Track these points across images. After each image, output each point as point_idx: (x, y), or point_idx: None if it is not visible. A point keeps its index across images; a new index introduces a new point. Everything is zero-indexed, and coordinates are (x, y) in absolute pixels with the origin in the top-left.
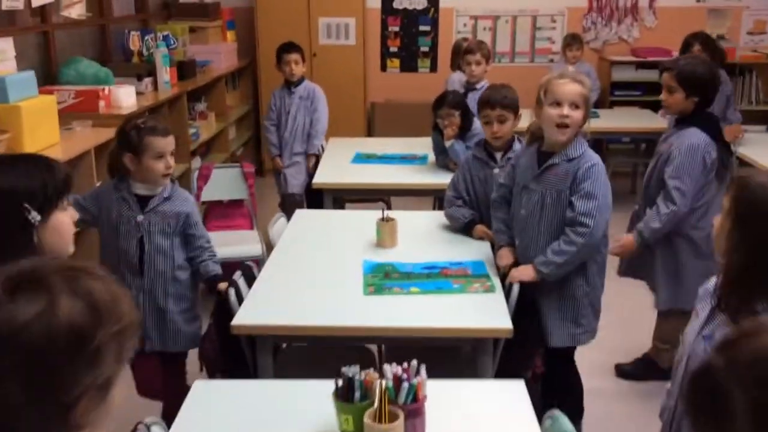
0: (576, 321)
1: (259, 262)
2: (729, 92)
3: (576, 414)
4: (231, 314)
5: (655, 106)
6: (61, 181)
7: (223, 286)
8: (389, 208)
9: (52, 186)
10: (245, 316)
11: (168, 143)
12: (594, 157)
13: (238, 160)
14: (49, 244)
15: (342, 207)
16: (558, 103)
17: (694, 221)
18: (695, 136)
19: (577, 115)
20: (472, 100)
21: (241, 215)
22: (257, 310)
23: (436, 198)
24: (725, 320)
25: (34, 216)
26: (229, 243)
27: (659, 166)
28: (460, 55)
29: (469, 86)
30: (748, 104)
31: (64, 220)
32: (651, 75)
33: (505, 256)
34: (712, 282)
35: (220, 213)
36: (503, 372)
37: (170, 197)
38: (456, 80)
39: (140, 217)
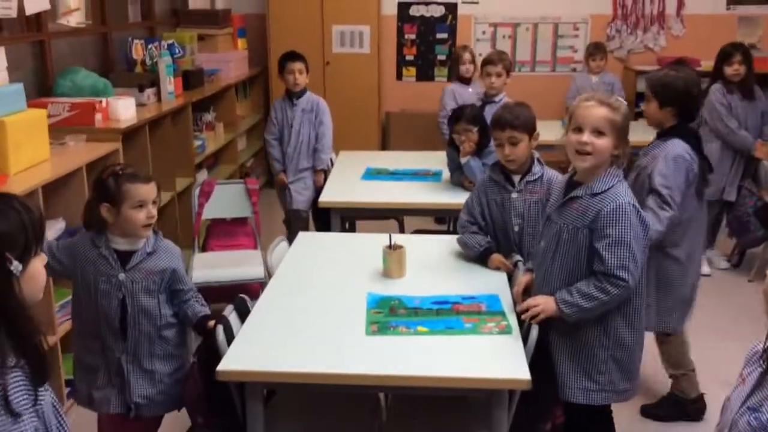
0: (589, 375)
1: (262, 285)
2: (765, 107)
3: None
4: (218, 354)
5: None
6: (38, 225)
7: (212, 324)
8: (402, 225)
9: (31, 230)
10: (233, 360)
11: (149, 191)
12: (621, 195)
13: (248, 172)
14: (24, 293)
15: (352, 224)
16: (579, 129)
17: (677, 238)
18: (679, 147)
19: (601, 142)
20: (491, 113)
21: (244, 234)
22: (246, 352)
23: (450, 218)
24: None
25: (16, 266)
26: (231, 264)
27: (641, 180)
28: (458, 64)
29: (487, 99)
30: None
31: (39, 267)
32: None
33: (521, 282)
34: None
35: (222, 231)
36: (520, 423)
37: (154, 251)
38: (450, 92)
39: (122, 276)
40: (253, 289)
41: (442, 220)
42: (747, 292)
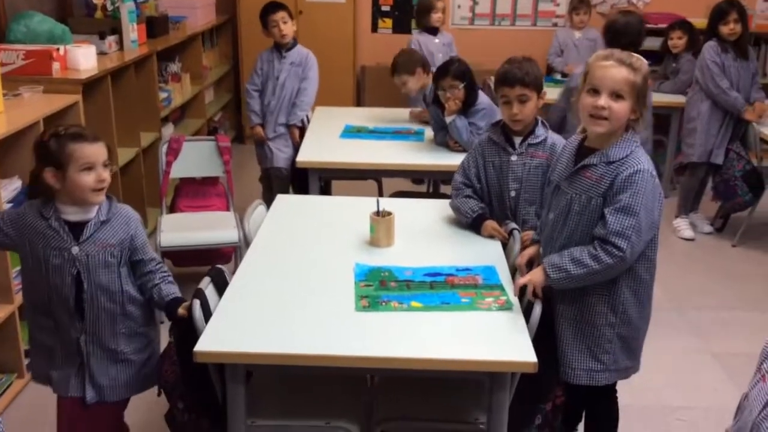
0: (594, 355)
1: (236, 249)
2: (755, 69)
3: None
4: (195, 332)
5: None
6: None
7: (182, 312)
8: (380, 186)
9: None
10: (211, 340)
11: (97, 151)
12: (641, 161)
13: (216, 127)
14: None
15: (327, 183)
16: (596, 90)
17: None
18: None
19: (619, 107)
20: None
21: (215, 194)
22: (225, 331)
23: (429, 179)
24: None
25: None
26: (203, 226)
27: None
28: (427, 13)
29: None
30: (762, 77)
31: None
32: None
33: (525, 254)
34: None
35: (192, 191)
36: (519, 403)
37: (108, 220)
38: (416, 43)
39: (75, 250)
40: (226, 254)
41: (420, 180)
42: (730, 256)
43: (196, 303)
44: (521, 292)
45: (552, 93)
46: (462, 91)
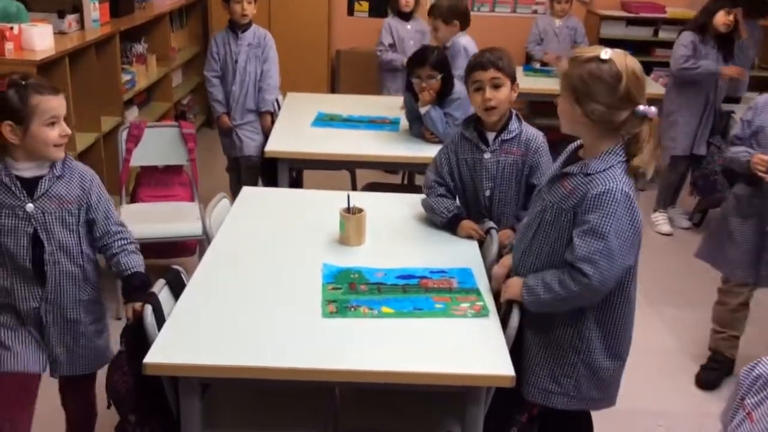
0: (553, 376)
1: (199, 242)
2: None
3: None
4: (147, 340)
5: (644, 68)
6: None
7: (138, 306)
8: (354, 177)
9: None
10: (162, 351)
11: (62, 104)
12: (615, 179)
13: (185, 111)
14: None
15: (300, 173)
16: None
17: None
18: None
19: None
20: None
21: (179, 184)
22: (178, 341)
23: (405, 170)
24: None
25: None
26: (165, 218)
27: None
28: None
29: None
30: (760, 71)
31: None
32: (642, 33)
33: (504, 264)
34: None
35: (154, 180)
36: (494, 413)
37: (63, 175)
38: (387, 27)
39: (29, 207)
40: (189, 246)
41: (393, 171)
42: None
43: (148, 309)
44: (498, 295)
45: (530, 82)
46: (438, 83)
